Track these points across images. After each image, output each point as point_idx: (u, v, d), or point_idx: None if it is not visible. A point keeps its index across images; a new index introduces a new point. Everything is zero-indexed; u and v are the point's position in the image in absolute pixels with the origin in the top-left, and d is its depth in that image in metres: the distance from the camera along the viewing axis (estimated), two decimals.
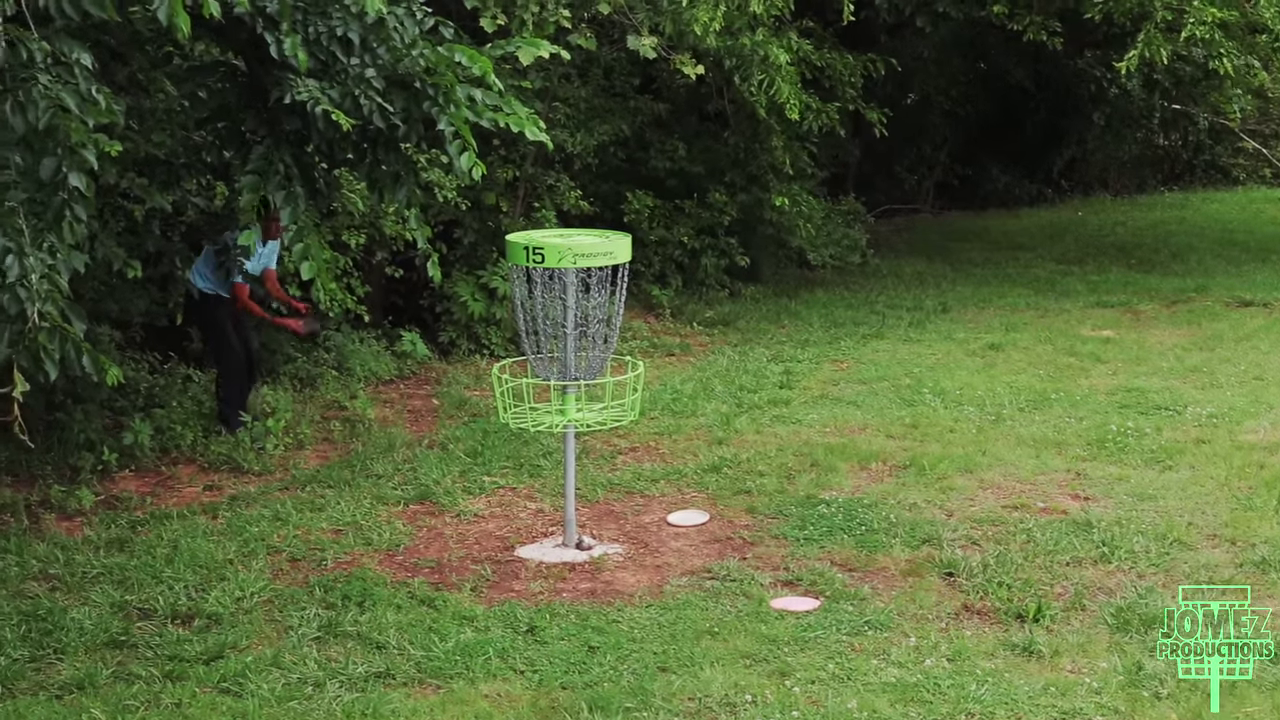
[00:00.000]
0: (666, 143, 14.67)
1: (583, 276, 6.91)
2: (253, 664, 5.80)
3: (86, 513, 7.83)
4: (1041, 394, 10.17)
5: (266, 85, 6.74)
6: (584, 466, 8.51)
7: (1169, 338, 12.31)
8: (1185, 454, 8.57)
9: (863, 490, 8.05)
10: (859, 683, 5.58)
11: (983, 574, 6.67)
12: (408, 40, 6.72)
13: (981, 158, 22.47)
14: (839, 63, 14.47)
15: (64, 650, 5.97)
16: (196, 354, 10.25)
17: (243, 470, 8.62)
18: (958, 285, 15.30)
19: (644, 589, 6.66)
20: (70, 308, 5.62)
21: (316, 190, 7.34)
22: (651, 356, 11.88)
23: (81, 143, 5.39)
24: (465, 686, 5.62)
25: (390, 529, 7.53)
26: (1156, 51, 13.43)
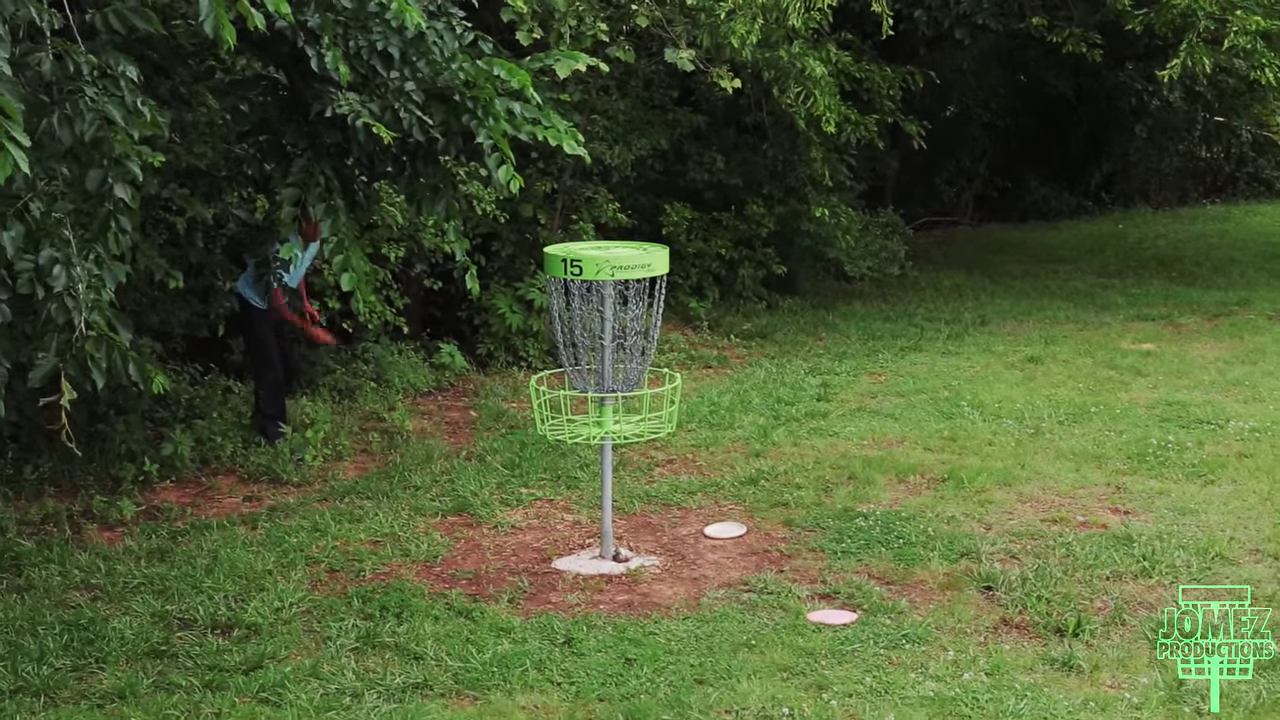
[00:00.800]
0: (704, 155, 14.68)
1: (620, 289, 6.92)
2: (291, 674, 5.82)
3: (128, 523, 7.90)
4: (1081, 407, 10.11)
5: (307, 99, 6.80)
6: (621, 478, 8.52)
7: (1210, 351, 12.21)
8: (1227, 468, 8.50)
9: (900, 503, 8.02)
10: (896, 696, 5.55)
11: (1021, 588, 6.63)
12: (447, 54, 6.77)
13: (1021, 170, 22.38)
14: (877, 75, 14.45)
15: (105, 659, 6.02)
16: (237, 366, 10.33)
17: (282, 481, 8.67)
18: (996, 298, 15.23)
19: (681, 601, 6.66)
20: (117, 317, 5.69)
21: (356, 203, 7.39)
22: (689, 369, 11.88)
23: (126, 154, 5.45)
24: (502, 698, 5.63)
25: (428, 540, 7.56)
26: (1199, 61, 13.33)
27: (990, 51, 20.03)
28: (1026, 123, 22.01)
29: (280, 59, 7.13)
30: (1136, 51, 19.08)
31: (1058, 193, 22.54)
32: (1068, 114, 21.98)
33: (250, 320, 9.30)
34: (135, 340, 6.32)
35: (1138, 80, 21.42)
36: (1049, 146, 22.37)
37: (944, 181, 21.71)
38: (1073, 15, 15.17)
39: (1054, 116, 22.00)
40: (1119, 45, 16.86)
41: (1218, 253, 18.36)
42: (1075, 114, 22.03)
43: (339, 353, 10.75)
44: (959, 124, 20.95)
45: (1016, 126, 21.87)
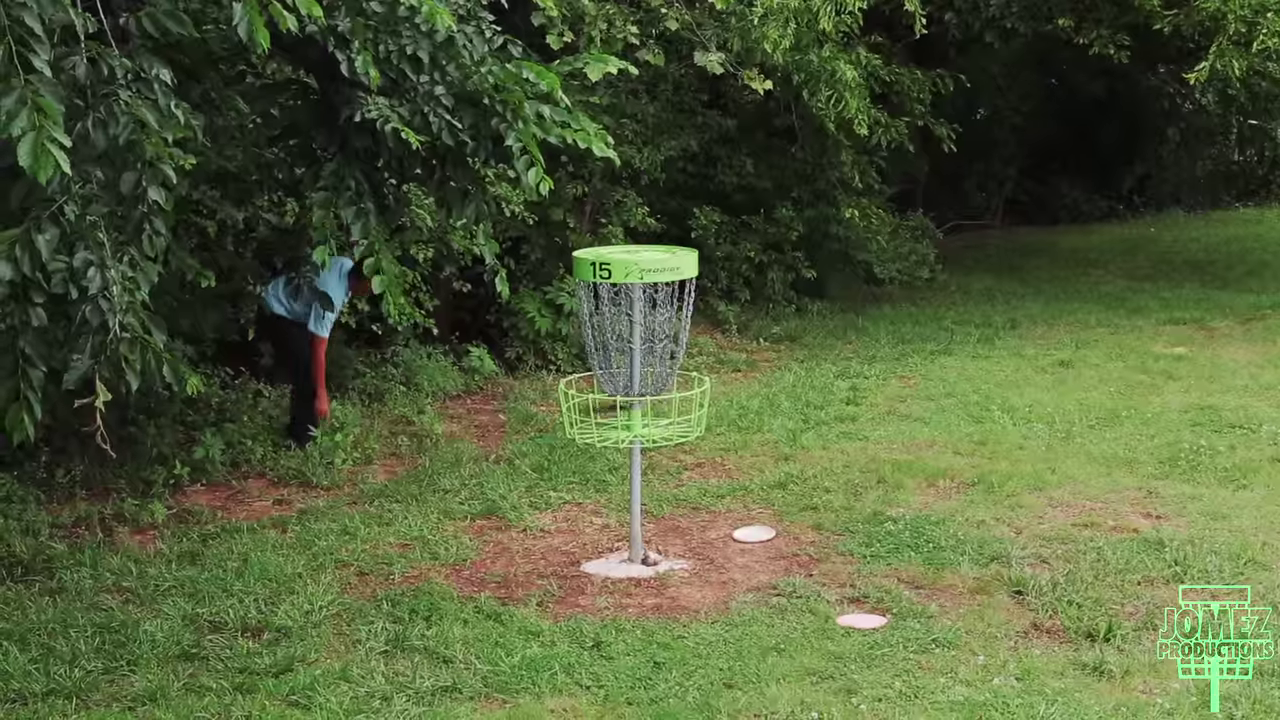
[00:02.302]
0: (733, 158, 14.68)
1: (649, 292, 6.92)
2: (321, 677, 5.84)
3: (159, 526, 7.93)
4: (1112, 411, 10.05)
5: (337, 103, 6.83)
6: (650, 482, 8.52)
7: (1243, 355, 12.12)
8: (1260, 473, 8.44)
9: (930, 507, 7.99)
10: (926, 701, 5.53)
11: (1052, 592, 6.59)
12: (476, 58, 6.79)
13: (1051, 173, 22.30)
14: (907, 78, 14.44)
15: (137, 662, 6.04)
16: (267, 369, 10.37)
17: (311, 484, 8.70)
18: (1027, 301, 15.17)
19: (710, 605, 6.64)
20: (151, 319, 5.73)
21: (386, 206, 7.42)
22: (718, 372, 11.87)
23: (159, 157, 5.49)
24: (531, 701, 5.63)
25: (457, 543, 7.57)
26: (1229, 64, 13.25)
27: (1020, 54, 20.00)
28: (1057, 126, 21.93)
29: (310, 63, 7.17)
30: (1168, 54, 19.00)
31: (1089, 196, 22.45)
32: (1099, 117, 21.88)
33: (281, 329, 9.34)
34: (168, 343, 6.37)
35: (1170, 83, 21.32)
36: (1080, 150, 22.28)
37: (974, 185, 21.65)
38: (1101, 16, 15.10)
39: (1085, 119, 21.91)
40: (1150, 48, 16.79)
41: (1251, 256, 18.24)
42: (1107, 117, 21.93)
43: (368, 356, 10.79)
44: (989, 127, 20.90)
45: (1047, 130, 21.80)
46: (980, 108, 20.77)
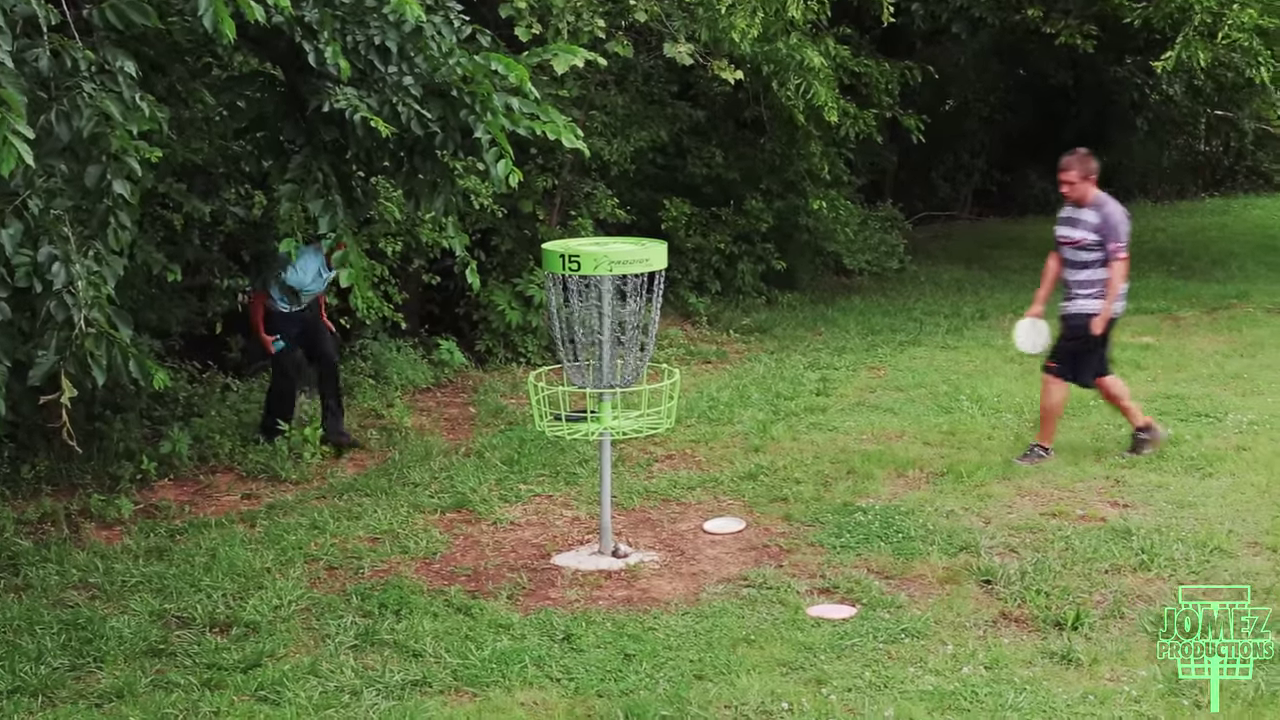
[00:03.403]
0: (703, 150, 14.68)
1: (618, 284, 6.91)
2: (290, 672, 5.81)
3: (126, 521, 7.88)
4: (1080, 400, 10.09)
5: (304, 94, 6.79)
6: (620, 474, 8.52)
7: (1209, 344, 12.21)
8: (1226, 461, 8.50)
9: (900, 498, 8.01)
10: (896, 691, 5.55)
11: (1020, 581, 6.62)
12: (445, 49, 6.75)
13: (1020, 164, 22.39)
14: (876, 69, 14.46)
15: (103, 659, 6.00)
16: (235, 363, 10.31)
17: (280, 479, 8.66)
18: (996, 292, 15.23)
19: (680, 597, 6.65)
20: (117, 313, 5.67)
21: (354, 199, 7.38)
22: (688, 364, 11.88)
23: (125, 150, 5.44)
24: (501, 694, 5.62)
25: (427, 537, 7.55)
26: (1194, 55, 13.34)
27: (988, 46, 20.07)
28: (1025, 117, 22.01)
29: (277, 55, 7.11)
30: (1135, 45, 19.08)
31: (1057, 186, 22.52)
32: (1067, 108, 21.98)
33: (271, 323, 9.23)
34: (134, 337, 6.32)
35: (1137, 74, 21.43)
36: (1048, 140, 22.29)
37: (943, 176, 21.72)
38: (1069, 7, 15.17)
39: (1053, 110, 22.00)
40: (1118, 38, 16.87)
41: (1217, 246, 18.37)
42: (1074, 108, 22.03)
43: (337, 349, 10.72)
44: (957, 118, 20.96)
45: (1015, 120, 21.88)
46: (948, 99, 20.81)
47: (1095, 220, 8.39)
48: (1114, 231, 8.38)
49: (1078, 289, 8.45)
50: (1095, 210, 8.42)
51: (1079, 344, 8.49)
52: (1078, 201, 8.47)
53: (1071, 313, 8.49)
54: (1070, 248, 8.48)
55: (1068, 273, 8.53)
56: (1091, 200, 8.46)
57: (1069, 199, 8.53)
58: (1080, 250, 8.42)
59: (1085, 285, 8.42)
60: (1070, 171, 8.48)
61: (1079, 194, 8.46)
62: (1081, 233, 8.42)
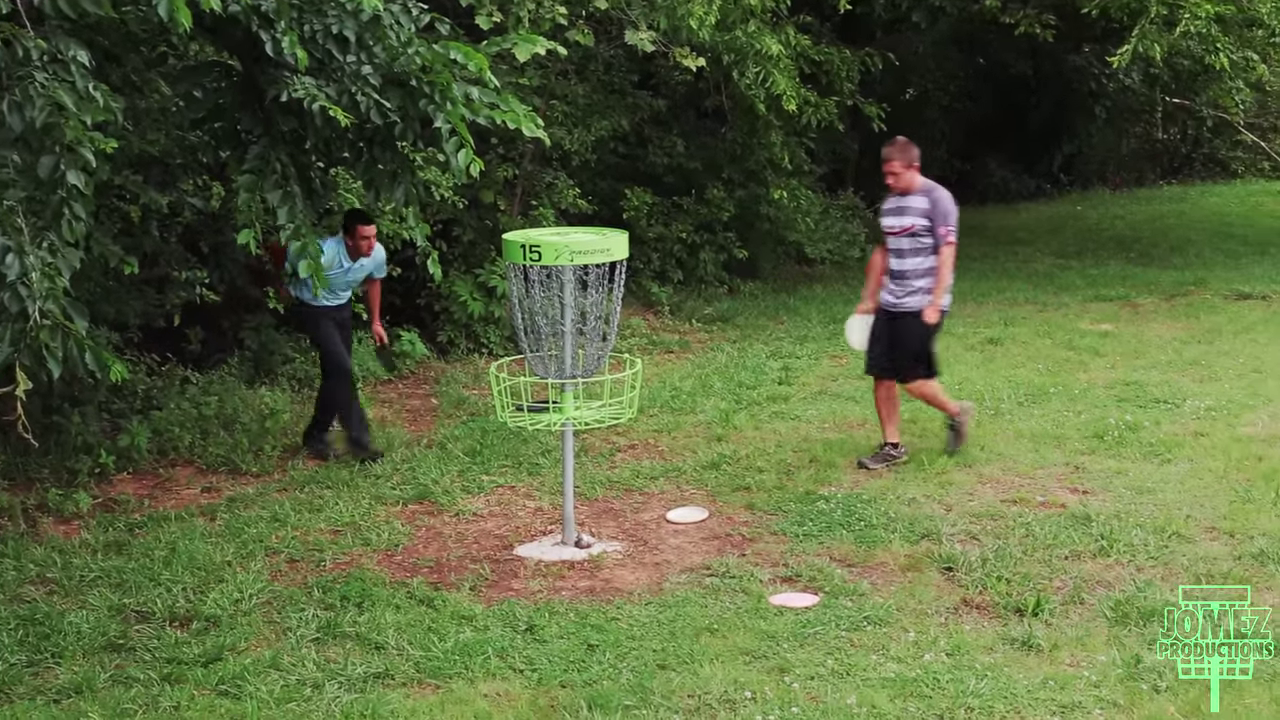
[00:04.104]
0: (664, 139, 14.67)
1: (580, 274, 6.90)
2: (251, 666, 5.78)
3: (84, 515, 7.82)
4: (1040, 388, 10.17)
5: (262, 84, 6.73)
6: (583, 464, 8.51)
7: (1167, 331, 12.30)
8: (1184, 447, 8.56)
9: (861, 486, 8.04)
10: (858, 678, 5.56)
11: (981, 568, 6.66)
12: (404, 38, 6.71)
13: (980, 153, 22.48)
14: (836, 58, 14.47)
15: (61, 654, 5.95)
16: (194, 356, 10.23)
17: (241, 472, 8.60)
18: (956, 280, 15.23)
19: (643, 586, 6.65)
20: (72, 305, 5.62)
21: (313, 190, 7.32)
22: (650, 353, 11.87)
23: (79, 140, 5.39)
24: (464, 686, 5.60)
25: (389, 529, 7.52)
26: (1151, 46, 13.43)
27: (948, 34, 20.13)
28: (985, 106, 22.10)
29: (234, 44, 7.05)
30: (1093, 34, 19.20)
31: (1017, 175, 22.66)
32: (1026, 97, 22.09)
33: (304, 320, 9.04)
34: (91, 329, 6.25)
35: (1095, 64, 21.55)
36: (1008, 129, 22.48)
37: None
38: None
39: (1013, 99, 22.11)
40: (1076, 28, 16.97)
41: (1175, 233, 18.51)
42: (1034, 97, 22.15)
43: (298, 341, 10.68)
44: (918, 107, 21.02)
45: (975, 109, 21.97)
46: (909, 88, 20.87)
47: (924, 205, 8.12)
48: (944, 216, 8.12)
49: (909, 279, 8.19)
50: (923, 196, 8.15)
51: (919, 338, 8.24)
52: (904, 190, 8.19)
53: (907, 307, 8.21)
54: (899, 236, 8.18)
55: (897, 263, 8.23)
56: (919, 187, 8.18)
57: (895, 189, 8.22)
58: (910, 238, 8.14)
59: (916, 275, 8.17)
60: (893, 162, 8.16)
61: (905, 183, 8.17)
62: (911, 219, 8.13)
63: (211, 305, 10.14)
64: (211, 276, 10.05)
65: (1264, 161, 24.79)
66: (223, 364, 10.16)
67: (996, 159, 22.55)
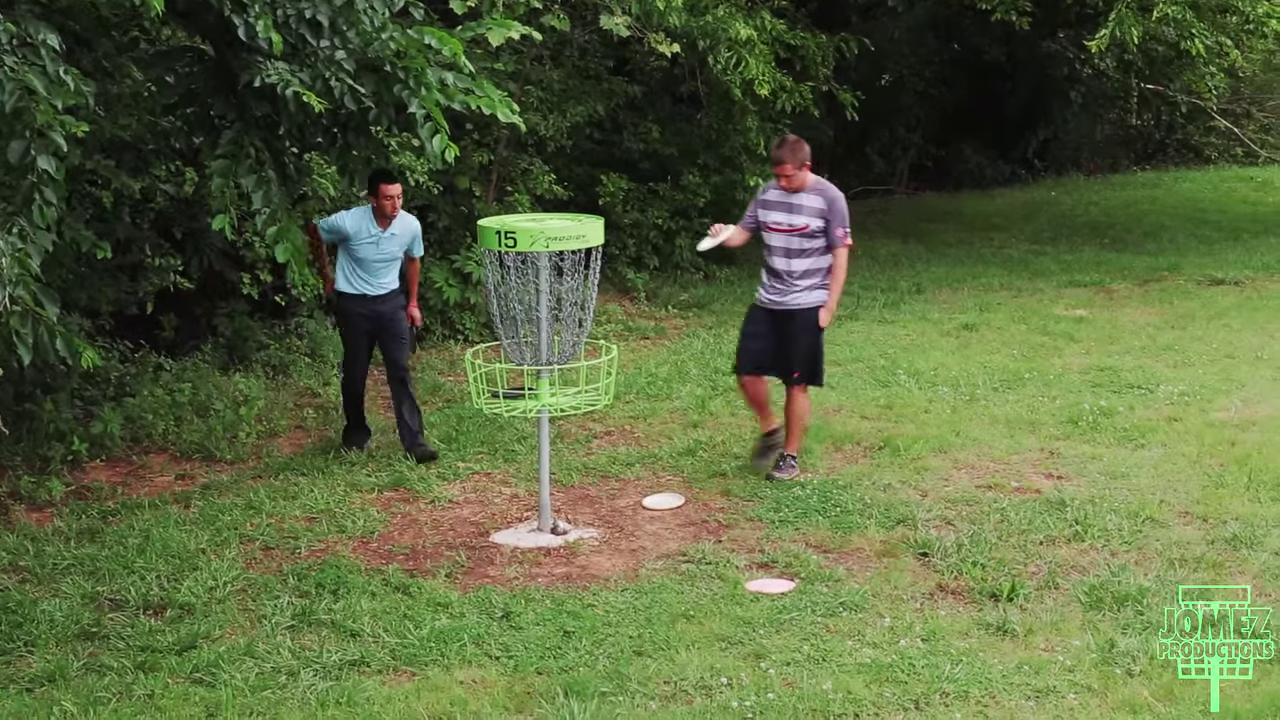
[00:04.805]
0: (640, 125, 14.64)
1: (555, 260, 6.89)
2: (226, 654, 5.76)
3: (56, 503, 7.77)
4: (1015, 374, 10.20)
5: (235, 69, 6.69)
6: (559, 451, 8.50)
7: (1141, 316, 12.35)
8: (1157, 432, 8.60)
9: (837, 472, 8.05)
10: (834, 664, 5.58)
11: (957, 554, 6.68)
12: (378, 23, 6.68)
13: (955, 139, 22.49)
14: (811, 43, 14.45)
15: (34, 643, 5.92)
16: (168, 343, 10.17)
17: (215, 459, 8.57)
18: (932, 266, 15.31)
19: (619, 573, 6.65)
20: (43, 291, 5.59)
21: (287, 175, 7.29)
22: (626, 340, 11.86)
23: (49, 125, 5.35)
24: (440, 673, 5.60)
25: (364, 516, 7.50)
26: (1128, 31, 13.46)
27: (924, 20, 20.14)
28: (961, 91, 22.10)
29: (206, 29, 7.01)
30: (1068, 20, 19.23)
31: (992, 161, 22.69)
32: (1002, 82, 22.09)
33: (336, 311, 8.71)
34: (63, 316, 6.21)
35: (1070, 49, 21.58)
36: (983, 115, 22.48)
37: (879, 151, 21.78)
38: None
39: (988, 85, 22.11)
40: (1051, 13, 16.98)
41: (1149, 219, 18.57)
42: (1009, 82, 22.15)
43: (272, 328, 10.63)
44: (893, 93, 21.01)
45: (950, 95, 21.96)
46: (884, 74, 20.86)
47: (819, 205, 7.73)
48: (842, 217, 7.79)
49: (796, 279, 7.79)
50: (817, 195, 7.75)
51: (812, 339, 7.90)
52: (795, 189, 7.76)
53: (797, 305, 7.83)
54: (790, 235, 7.76)
55: (783, 263, 7.80)
56: (810, 185, 7.78)
57: (789, 189, 7.77)
58: (802, 237, 7.74)
59: (808, 275, 7.80)
60: (785, 164, 7.71)
61: (799, 183, 7.74)
62: (806, 219, 7.73)
63: (185, 292, 10.08)
64: (186, 263, 9.99)
65: (1237, 147, 24.88)
66: (196, 351, 10.11)
67: (972, 145, 22.56)
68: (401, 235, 8.41)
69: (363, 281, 8.37)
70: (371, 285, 8.39)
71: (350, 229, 8.25)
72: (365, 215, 8.31)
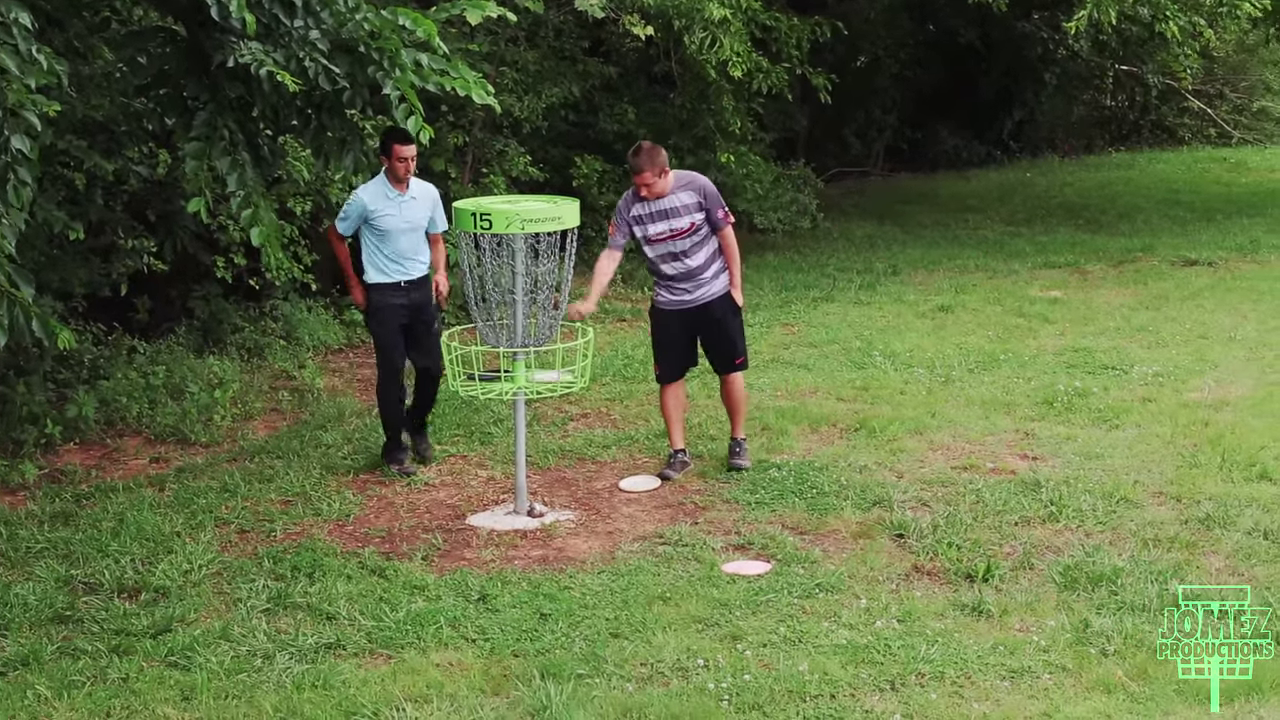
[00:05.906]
0: (615, 106, 14.61)
1: (531, 242, 6.87)
2: (201, 637, 5.74)
3: (30, 486, 7.73)
4: (990, 355, 10.23)
5: (208, 49, 6.64)
6: (535, 433, 8.49)
7: (1116, 297, 12.40)
8: (1131, 413, 8.64)
9: (813, 453, 8.06)
10: (810, 645, 5.59)
11: (932, 535, 6.70)
12: (352, 3, 6.63)
13: (931, 120, 22.53)
14: (785, 25, 14.43)
15: (8, 627, 5.89)
16: (142, 325, 10.12)
17: (190, 442, 8.53)
18: (908, 248, 15.34)
19: (596, 555, 6.65)
20: (18, 272, 5.55)
21: (261, 157, 7.24)
22: (602, 322, 11.85)
23: (21, 103, 5.30)
24: (417, 656, 5.59)
25: (340, 499, 7.48)
26: (1105, 12, 13.48)
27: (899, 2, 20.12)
28: (936, 73, 22.13)
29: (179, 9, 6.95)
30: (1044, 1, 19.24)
31: (967, 142, 22.73)
32: (977, 64, 22.13)
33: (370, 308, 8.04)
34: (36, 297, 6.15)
35: (1044, 30, 21.61)
36: (958, 97, 22.52)
37: (855, 133, 21.79)
38: None
39: (963, 67, 22.14)
40: None
41: (1123, 200, 18.64)
42: (984, 64, 22.18)
43: (247, 310, 10.59)
44: (869, 75, 21.02)
45: (926, 77, 21.99)
46: (860, 55, 20.86)
47: (693, 199, 7.55)
48: (716, 198, 7.64)
49: (704, 271, 7.65)
50: (687, 190, 7.58)
51: (738, 321, 7.87)
52: (660, 194, 7.51)
53: (712, 294, 7.70)
54: (678, 239, 7.55)
55: (681, 265, 7.61)
56: (675, 184, 7.59)
57: (651, 197, 7.50)
58: (690, 236, 7.56)
59: (709, 263, 7.66)
60: (645, 173, 7.42)
61: (662, 188, 7.50)
62: (688, 218, 7.54)
63: (159, 274, 10.02)
64: (159, 245, 9.94)
65: (1210, 128, 24.99)
66: (170, 333, 10.06)
67: (947, 126, 22.60)
68: (421, 200, 7.95)
69: (394, 265, 7.83)
70: (404, 267, 7.85)
71: (368, 201, 7.80)
72: (380, 183, 7.86)
